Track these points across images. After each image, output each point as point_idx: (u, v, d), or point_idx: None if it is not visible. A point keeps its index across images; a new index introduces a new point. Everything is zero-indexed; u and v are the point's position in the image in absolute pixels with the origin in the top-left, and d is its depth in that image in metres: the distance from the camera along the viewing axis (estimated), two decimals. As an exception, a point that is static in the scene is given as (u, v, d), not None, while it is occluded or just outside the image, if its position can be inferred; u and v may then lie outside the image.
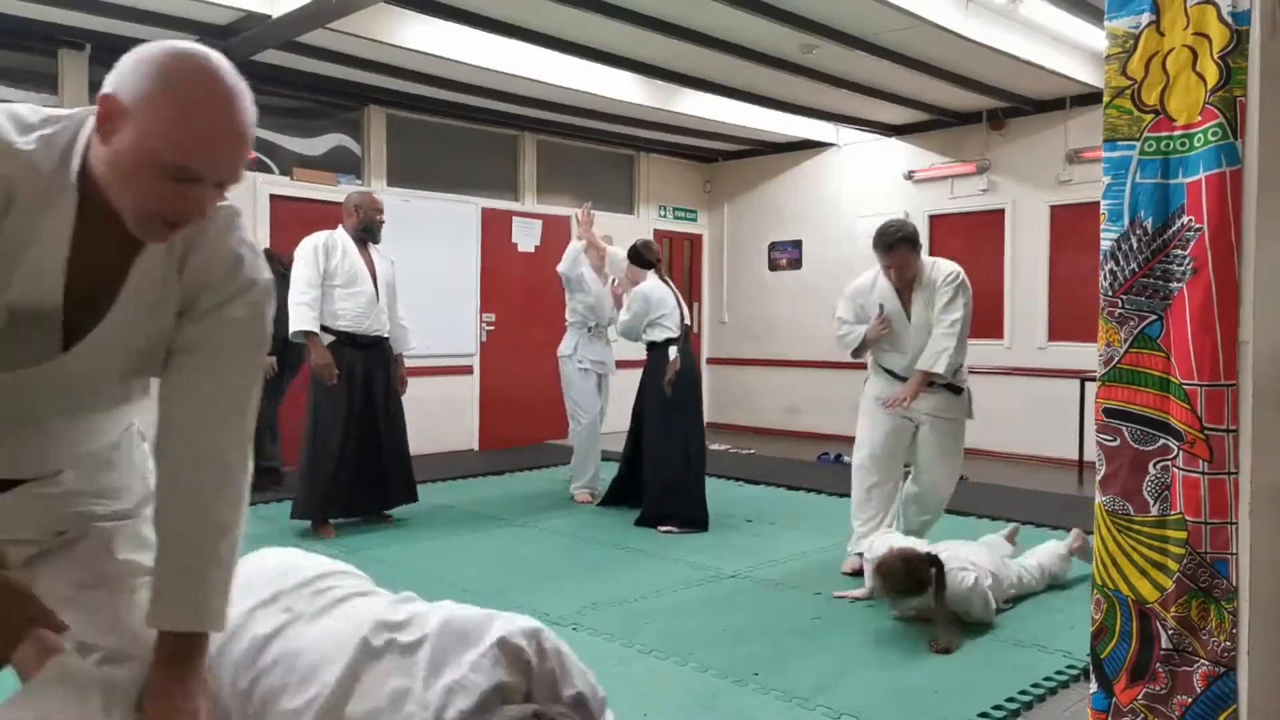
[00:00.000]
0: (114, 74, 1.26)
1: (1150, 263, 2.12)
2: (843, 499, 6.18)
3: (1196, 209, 2.03)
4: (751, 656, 3.25)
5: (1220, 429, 2.01)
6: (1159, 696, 2.13)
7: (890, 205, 8.82)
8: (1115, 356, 2.17)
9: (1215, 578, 2.04)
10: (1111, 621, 2.20)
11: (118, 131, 1.23)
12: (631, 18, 5.70)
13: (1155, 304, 2.11)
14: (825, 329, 9.28)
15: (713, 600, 3.96)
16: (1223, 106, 1.98)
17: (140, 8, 5.57)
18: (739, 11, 5.57)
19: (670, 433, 5.39)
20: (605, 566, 4.48)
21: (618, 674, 3.10)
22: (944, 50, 6.39)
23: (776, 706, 2.85)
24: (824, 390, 9.22)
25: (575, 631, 3.46)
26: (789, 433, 9.40)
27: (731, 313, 10.25)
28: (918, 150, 8.71)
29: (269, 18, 5.62)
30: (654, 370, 5.52)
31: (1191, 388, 2.04)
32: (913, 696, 2.92)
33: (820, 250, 9.41)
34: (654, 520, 5.26)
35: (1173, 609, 2.09)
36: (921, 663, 3.24)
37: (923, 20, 5.69)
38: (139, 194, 1.24)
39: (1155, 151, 2.10)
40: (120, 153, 1.23)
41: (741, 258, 10.14)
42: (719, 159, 10.29)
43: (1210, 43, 2.00)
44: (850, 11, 5.74)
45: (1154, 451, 2.12)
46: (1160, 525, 2.11)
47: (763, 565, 4.48)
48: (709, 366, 10.18)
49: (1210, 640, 2.06)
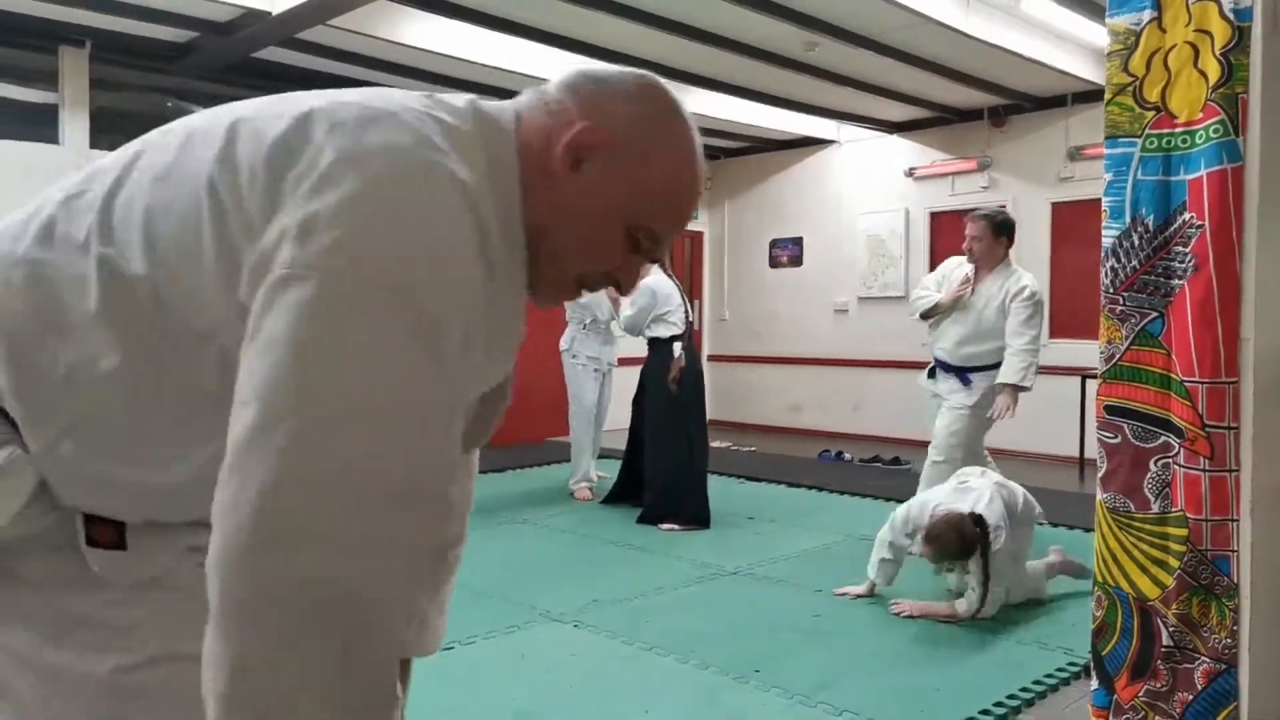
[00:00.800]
0: (580, 96, 1.01)
1: (1151, 260, 2.11)
2: (844, 496, 6.19)
3: (1198, 206, 2.03)
4: (752, 654, 3.25)
5: (1221, 426, 2.01)
6: (1160, 694, 2.13)
7: (891, 202, 8.82)
8: (1116, 353, 2.17)
9: (1216, 575, 2.05)
10: (1112, 619, 2.20)
11: (582, 172, 0.98)
12: (634, 15, 5.70)
13: (1156, 301, 2.11)
14: (826, 326, 9.35)
15: (714, 597, 3.96)
16: (1224, 103, 1.98)
17: (141, 4, 5.57)
18: (741, 9, 5.56)
19: (672, 430, 5.38)
20: (607, 564, 4.48)
21: (619, 671, 3.11)
22: (945, 47, 6.38)
23: (778, 704, 2.85)
24: (825, 388, 9.22)
25: (576, 629, 3.46)
26: (790, 430, 9.40)
27: (732, 310, 10.25)
28: (919, 147, 8.70)
29: (269, 14, 5.61)
30: (655, 367, 5.52)
31: (1192, 385, 2.04)
32: (914, 693, 2.93)
33: (821, 247, 9.41)
34: (656, 518, 5.26)
35: (1174, 606, 2.09)
36: (923, 660, 3.24)
37: (925, 17, 5.68)
38: (586, 250, 1.01)
39: (1157, 148, 2.10)
40: (587, 196, 0.98)
41: (742, 255, 10.13)
42: (720, 156, 10.28)
43: (1212, 39, 2.00)
44: (852, 9, 5.73)
45: (1155, 449, 2.12)
46: (1161, 522, 2.11)
47: (764, 563, 4.48)
48: (710, 364, 10.18)
49: (1211, 637, 2.06)
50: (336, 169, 0.84)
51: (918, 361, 8.81)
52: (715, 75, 7.24)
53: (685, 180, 1.02)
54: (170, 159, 0.95)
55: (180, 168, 0.93)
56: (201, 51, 6.26)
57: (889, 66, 6.77)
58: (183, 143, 0.96)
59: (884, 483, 6.52)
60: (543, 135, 0.99)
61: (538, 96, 1.04)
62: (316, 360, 0.79)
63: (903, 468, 7.20)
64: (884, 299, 8.88)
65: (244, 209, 0.87)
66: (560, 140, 0.98)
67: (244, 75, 6.72)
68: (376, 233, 0.82)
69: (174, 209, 0.91)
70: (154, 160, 0.97)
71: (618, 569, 4.39)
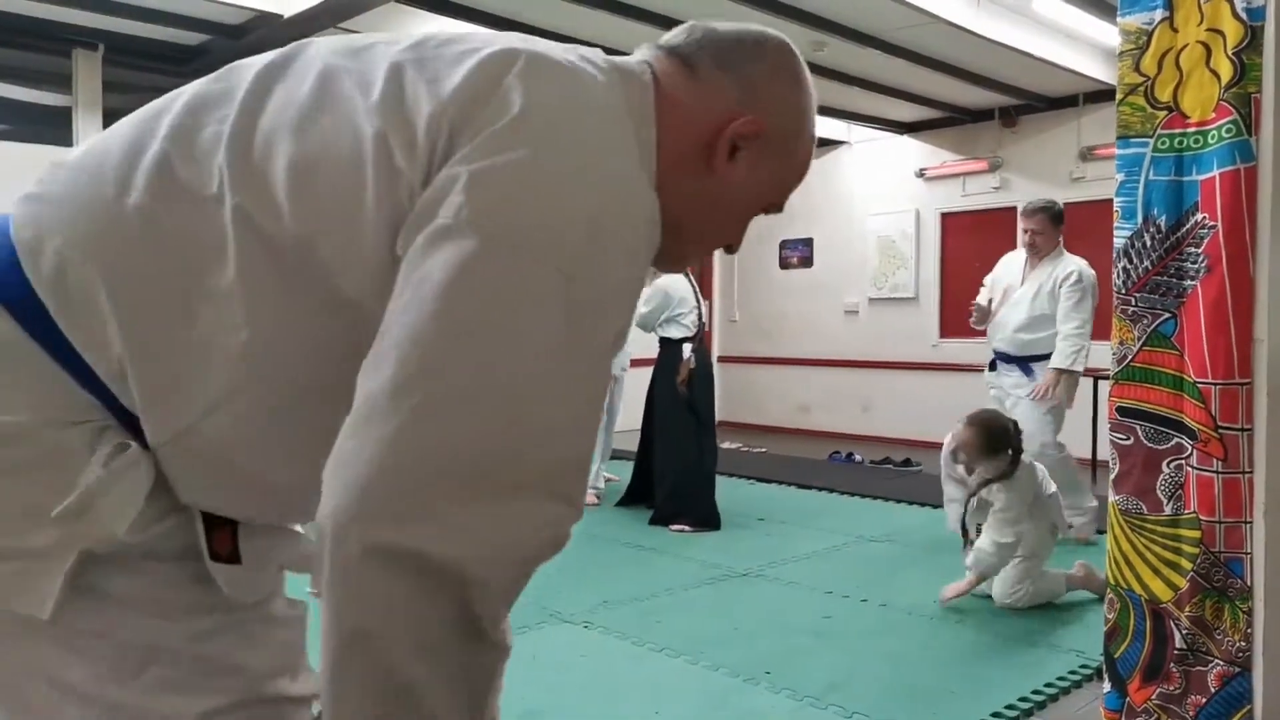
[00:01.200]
0: (735, 74, 0.94)
1: (1164, 260, 2.11)
2: (854, 498, 6.18)
3: (1210, 206, 2.02)
4: (763, 655, 3.24)
5: (1234, 428, 2.00)
6: (1173, 696, 2.12)
7: (902, 203, 8.80)
8: (1129, 355, 2.16)
9: (1229, 577, 2.04)
10: (1125, 621, 2.19)
11: (735, 161, 0.94)
12: (643, 16, 5.70)
13: (1169, 302, 2.10)
14: (836, 327, 9.33)
15: (724, 599, 3.95)
16: (1237, 103, 1.97)
17: (153, 7, 5.60)
18: (750, 9, 5.56)
19: (681, 432, 5.38)
20: (617, 565, 4.48)
21: (629, 672, 3.10)
22: (956, 47, 6.37)
23: (788, 705, 2.85)
24: (835, 389, 9.20)
25: (587, 629, 3.46)
26: (800, 431, 9.38)
27: (742, 311, 10.24)
28: (929, 148, 8.68)
29: (281, 17, 5.64)
30: (664, 367, 5.51)
31: (1205, 386, 2.03)
32: (925, 695, 2.92)
33: (831, 248, 9.39)
34: (667, 519, 5.26)
35: (1187, 608, 2.08)
36: (935, 662, 3.23)
37: (935, 17, 5.67)
38: (718, 233, 0.99)
39: (1169, 148, 2.09)
40: (735, 187, 0.95)
41: (752, 255, 10.12)
42: (730, 157, 10.27)
43: (1224, 39, 1.99)
44: (861, 9, 5.73)
45: (1168, 450, 2.11)
46: (1174, 524, 2.10)
47: (774, 564, 4.48)
48: (720, 365, 10.17)
49: (1224, 640, 2.05)
50: (523, 125, 0.78)
51: (928, 363, 8.83)
52: (725, 76, 7.23)
53: (808, 155, 1.01)
54: (308, 101, 0.83)
55: (329, 113, 0.82)
56: (213, 54, 6.29)
57: (898, 67, 6.76)
58: (321, 84, 0.84)
59: (895, 484, 6.50)
60: (695, 114, 0.92)
61: (675, 63, 0.95)
62: (463, 327, 0.73)
63: (913, 469, 7.18)
64: (894, 300, 8.86)
65: (417, 162, 0.78)
66: (722, 129, 0.92)
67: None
68: (550, 203, 0.77)
69: (331, 160, 0.80)
70: (289, 99, 0.84)
71: (628, 570, 4.39)
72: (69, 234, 0.80)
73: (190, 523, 0.87)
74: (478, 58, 0.84)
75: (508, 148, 0.77)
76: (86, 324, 0.79)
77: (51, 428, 0.79)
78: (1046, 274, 4.70)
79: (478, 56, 0.84)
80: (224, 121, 0.83)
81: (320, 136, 0.81)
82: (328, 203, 0.79)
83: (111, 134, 0.87)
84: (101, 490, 0.78)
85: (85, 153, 0.87)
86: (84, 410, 0.80)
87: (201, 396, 0.80)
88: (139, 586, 0.85)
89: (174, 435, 0.81)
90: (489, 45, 0.87)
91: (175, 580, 0.87)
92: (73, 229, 0.81)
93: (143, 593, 0.85)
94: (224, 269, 0.78)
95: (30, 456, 0.79)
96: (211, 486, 0.86)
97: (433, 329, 0.72)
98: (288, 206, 0.79)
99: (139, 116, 0.88)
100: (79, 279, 0.79)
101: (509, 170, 0.76)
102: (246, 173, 0.80)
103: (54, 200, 0.83)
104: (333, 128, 0.81)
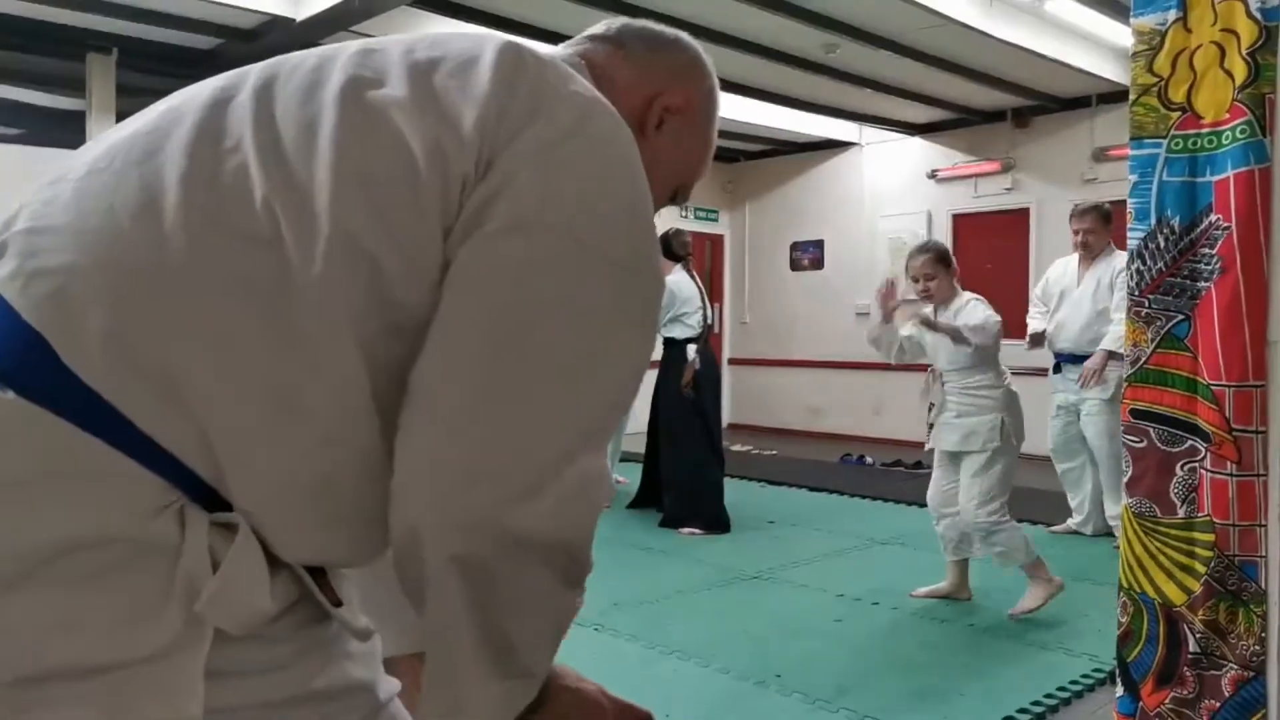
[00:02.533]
0: (662, 58, 1.06)
1: (1177, 262, 2.09)
2: (865, 500, 6.17)
3: (1224, 207, 2.01)
4: (774, 658, 3.24)
5: (1248, 430, 1.99)
6: (1186, 701, 2.10)
7: (913, 204, 8.78)
8: (1142, 357, 2.15)
9: (1243, 581, 2.02)
10: (1138, 625, 2.18)
11: (662, 133, 1.03)
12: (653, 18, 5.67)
13: (1182, 303, 2.09)
14: (848, 329, 9.31)
15: (735, 602, 3.95)
16: (1251, 104, 1.96)
17: (167, 11, 5.63)
18: (761, 11, 5.56)
19: (689, 434, 5.36)
20: (627, 567, 4.48)
21: (640, 675, 3.10)
22: (968, 49, 6.35)
23: (799, 709, 2.84)
24: (846, 391, 9.18)
25: (597, 632, 3.46)
26: (811, 434, 9.36)
27: (753, 313, 10.23)
28: (941, 149, 8.66)
29: (294, 21, 5.66)
30: (669, 369, 5.49)
31: (1219, 388, 2.01)
32: (936, 699, 2.91)
33: (842, 250, 9.38)
34: (677, 522, 5.25)
35: (1200, 612, 2.07)
36: (946, 665, 3.22)
37: (947, 19, 5.65)
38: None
39: (1182, 149, 2.08)
40: (661, 154, 1.01)
41: (763, 258, 10.11)
42: (740, 159, 10.27)
43: (1238, 39, 1.98)
44: (873, 10, 5.72)
45: (1181, 453, 2.10)
46: (1187, 527, 2.09)
47: (785, 567, 4.47)
48: (730, 367, 10.17)
49: (1239, 644, 2.04)
50: (564, 119, 0.82)
51: (940, 365, 8.80)
52: (735, 78, 7.23)
53: (714, 142, 1.11)
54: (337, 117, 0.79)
55: (367, 129, 0.79)
56: (226, 58, 6.32)
57: (910, 68, 6.75)
58: (343, 96, 0.80)
59: (906, 487, 6.48)
60: (631, 88, 1.01)
61: (608, 47, 1.05)
62: (542, 313, 0.78)
63: (924, 472, 7.16)
64: (905, 302, 8.83)
65: (469, 163, 0.78)
66: (653, 100, 1.02)
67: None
68: (601, 191, 0.82)
69: (385, 175, 0.77)
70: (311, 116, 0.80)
71: (638, 572, 4.39)
72: (117, 305, 0.73)
73: (295, 579, 0.83)
74: (493, 56, 0.85)
75: (555, 143, 0.80)
76: (162, 409, 0.72)
77: (135, 522, 0.72)
78: (1103, 269, 4.77)
79: (492, 55, 0.85)
80: (243, 152, 0.78)
81: (365, 151, 0.78)
82: (389, 220, 0.77)
83: (101, 171, 0.79)
84: (231, 571, 0.75)
85: (79, 194, 0.78)
86: (161, 494, 0.73)
87: (304, 439, 0.76)
88: (251, 652, 0.80)
89: (263, 498, 0.76)
90: (487, 42, 0.89)
91: (282, 636, 0.83)
92: (117, 299, 0.73)
93: (257, 656, 0.81)
94: (294, 309, 0.74)
95: (120, 559, 0.72)
96: (318, 530, 0.81)
97: (513, 320, 0.77)
98: (348, 232, 0.76)
99: (126, 152, 0.80)
100: (148, 360, 0.72)
101: (561, 163, 0.80)
102: (296, 205, 0.76)
103: (73, 267, 0.74)
104: (375, 141, 0.78)
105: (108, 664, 0.72)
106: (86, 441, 0.71)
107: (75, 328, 0.72)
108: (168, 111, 0.84)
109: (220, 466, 0.74)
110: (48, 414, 0.71)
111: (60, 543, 0.71)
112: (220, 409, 0.73)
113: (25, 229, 0.77)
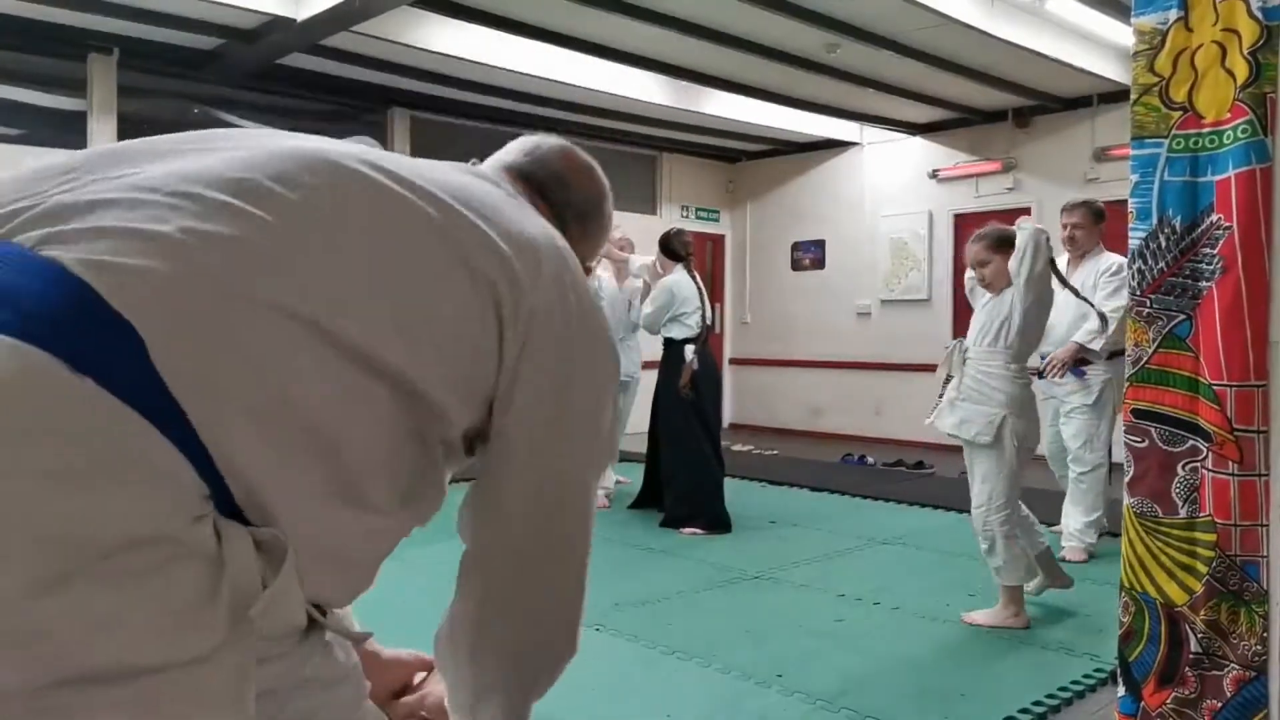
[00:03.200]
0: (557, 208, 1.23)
1: (1179, 261, 2.09)
2: (866, 500, 6.16)
3: (1225, 207, 2.01)
4: (775, 658, 3.24)
5: (1250, 430, 1.98)
6: (1188, 701, 2.10)
7: (915, 204, 8.78)
8: (1143, 356, 2.14)
9: (1245, 581, 2.02)
10: (1140, 625, 2.18)
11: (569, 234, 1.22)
12: (654, 18, 5.70)
13: (1184, 303, 2.09)
14: (848, 328, 9.31)
15: (736, 601, 3.95)
16: (1252, 103, 1.96)
17: (168, 12, 5.64)
18: (762, 11, 5.56)
19: (688, 434, 5.35)
20: (628, 567, 4.48)
21: (641, 675, 3.10)
22: (969, 48, 6.35)
23: (800, 709, 2.84)
24: (847, 391, 9.18)
25: (598, 632, 3.46)
26: (812, 434, 9.36)
27: (754, 313, 10.23)
28: (943, 149, 8.66)
29: (294, 21, 5.66)
30: (668, 369, 5.47)
31: (1221, 388, 2.01)
32: (938, 699, 2.90)
33: (844, 250, 9.38)
34: (678, 522, 5.25)
35: (1202, 612, 2.07)
36: (948, 665, 3.22)
37: (948, 18, 5.65)
38: None
39: (1183, 149, 2.08)
40: None
41: (764, 258, 10.11)
42: (742, 159, 10.27)
43: (1239, 38, 1.98)
44: (874, 10, 5.72)
45: (1183, 453, 2.10)
46: (1189, 527, 2.09)
47: (786, 566, 4.47)
48: (731, 367, 10.17)
49: (1240, 644, 2.03)
50: (553, 257, 1.04)
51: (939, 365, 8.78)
52: (736, 78, 7.24)
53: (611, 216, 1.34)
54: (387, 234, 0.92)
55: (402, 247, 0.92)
56: (227, 58, 6.32)
57: (911, 68, 6.75)
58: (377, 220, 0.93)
59: (907, 487, 6.48)
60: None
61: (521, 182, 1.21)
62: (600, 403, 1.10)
63: (926, 472, 7.16)
64: (907, 302, 8.83)
65: (513, 289, 0.97)
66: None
67: (269, 82, 6.78)
68: (596, 302, 1.11)
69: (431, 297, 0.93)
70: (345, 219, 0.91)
71: (639, 572, 4.39)
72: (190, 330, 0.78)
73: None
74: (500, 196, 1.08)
75: (564, 273, 1.04)
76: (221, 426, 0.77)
77: (182, 525, 0.75)
78: (1089, 270, 4.60)
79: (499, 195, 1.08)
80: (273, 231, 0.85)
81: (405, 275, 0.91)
82: (444, 338, 0.93)
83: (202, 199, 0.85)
84: (283, 584, 0.80)
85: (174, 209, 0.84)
86: (201, 502, 0.76)
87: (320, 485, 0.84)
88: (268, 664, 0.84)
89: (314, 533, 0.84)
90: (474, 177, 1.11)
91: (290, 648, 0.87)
92: (191, 328, 0.78)
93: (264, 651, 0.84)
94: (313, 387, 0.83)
95: (164, 560, 0.74)
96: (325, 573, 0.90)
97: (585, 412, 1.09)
98: (392, 346, 0.88)
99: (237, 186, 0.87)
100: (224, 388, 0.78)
101: (575, 294, 1.04)
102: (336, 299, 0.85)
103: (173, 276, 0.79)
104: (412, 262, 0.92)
105: (149, 666, 0.72)
106: (156, 439, 0.74)
107: (169, 345, 0.76)
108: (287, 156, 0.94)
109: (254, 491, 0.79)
110: (123, 406, 0.73)
111: (119, 538, 0.71)
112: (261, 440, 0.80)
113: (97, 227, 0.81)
